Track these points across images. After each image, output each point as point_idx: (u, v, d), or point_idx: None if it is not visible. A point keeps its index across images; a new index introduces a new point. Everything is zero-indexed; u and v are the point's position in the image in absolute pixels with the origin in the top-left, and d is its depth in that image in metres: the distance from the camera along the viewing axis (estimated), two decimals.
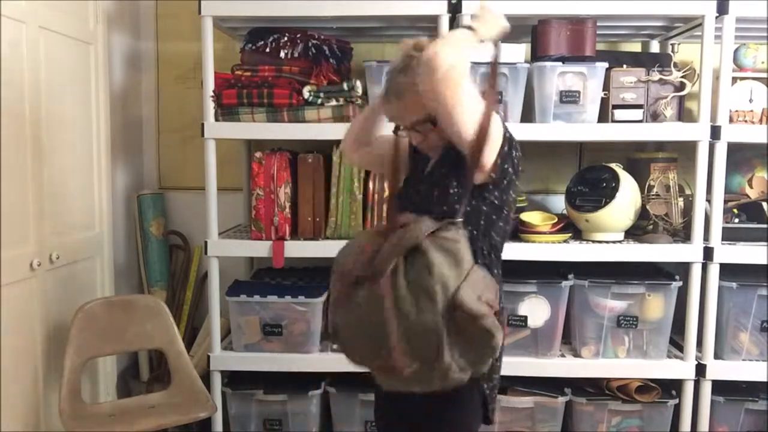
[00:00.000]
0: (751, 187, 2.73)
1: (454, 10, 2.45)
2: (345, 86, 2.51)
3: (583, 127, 2.54)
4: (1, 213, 2.17)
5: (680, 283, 2.57)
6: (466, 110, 1.51)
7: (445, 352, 1.45)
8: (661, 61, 2.67)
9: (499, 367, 1.73)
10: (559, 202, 3.01)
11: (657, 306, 2.58)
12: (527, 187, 3.02)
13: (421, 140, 1.68)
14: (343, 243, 2.53)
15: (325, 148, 2.66)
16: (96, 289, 2.82)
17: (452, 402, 1.62)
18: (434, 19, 2.45)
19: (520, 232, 2.60)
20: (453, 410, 1.65)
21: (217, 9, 2.48)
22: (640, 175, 2.66)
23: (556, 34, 2.52)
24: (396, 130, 1.72)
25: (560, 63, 2.52)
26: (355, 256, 1.58)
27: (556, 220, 2.62)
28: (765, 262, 2.50)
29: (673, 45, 2.78)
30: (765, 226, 2.59)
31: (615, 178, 2.56)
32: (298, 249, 2.57)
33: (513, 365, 2.57)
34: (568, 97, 2.53)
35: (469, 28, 1.57)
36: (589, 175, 2.65)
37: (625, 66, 2.60)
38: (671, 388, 2.64)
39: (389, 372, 1.52)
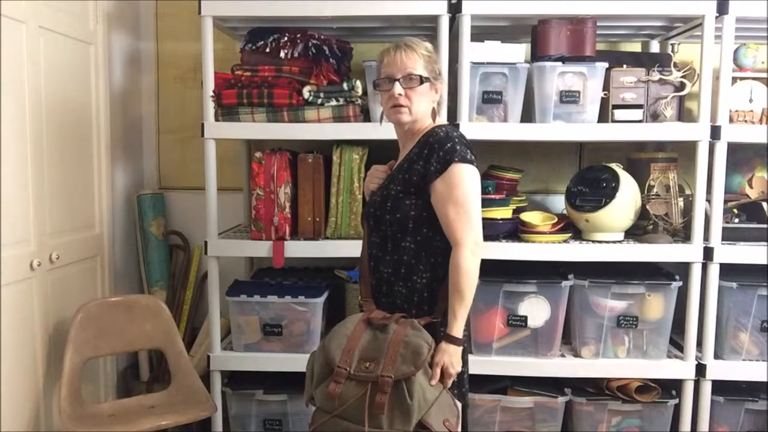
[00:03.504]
0: (751, 187, 2.72)
1: (454, 10, 2.45)
2: (345, 86, 2.51)
3: (583, 127, 2.54)
4: (1, 213, 2.17)
5: (680, 283, 2.57)
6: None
7: None
8: (661, 61, 2.66)
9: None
10: (559, 202, 3.01)
11: (657, 306, 2.58)
12: (527, 187, 3.03)
13: (401, 94, 1.78)
14: (343, 243, 2.58)
15: (325, 148, 2.66)
16: (96, 289, 2.82)
17: None
18: (434, 19, 2.46)
19: (520, 232, 2.60)
20: None
21: (217, 9, 2.48)
22: (640, 175, 2.66)
23: (556, 34, 2.52)
24: (375, 83, 1.85)
25: (560, 63, 2.52)
26: (344, 349, 1.73)
27: (556, 220, 2.62)
28: (765, 262, 2.50)
29: (673, 45, 2.78)
30: (765, 226, 2.59)
31: (615, 178, 2.56)
32: (298, 249, 2.57)
33: (513, 365, 2.58)
34: (568, 97, 2.53)
35: None
36: (589, 175, 2.65)
37: (625, 66, 2.60)
38: (671, 388, 2.64)
39: None
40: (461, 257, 1.72)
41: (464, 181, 1.73)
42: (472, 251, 1.73)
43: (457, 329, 1.74)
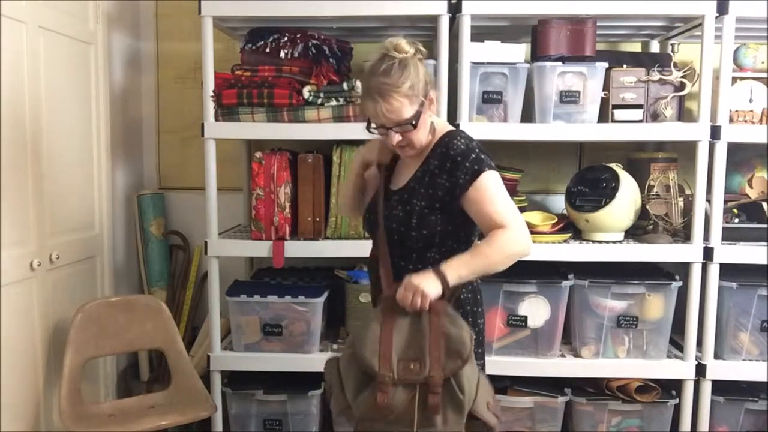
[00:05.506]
0: (751, 187, 2.72)
1: (454, 10, 2.45)
2: (345, 86, 2.51)
3: (583, 127, 2.54)
4: (1, 213, 2.17)
5: (680, 283, 2.57)
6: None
7: None
8: (661, 61, 2.67)
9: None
10: (559, 202, 3.01)
11: (657, 306, 2.58)
12: (527, 187, 3.03)
13: (400, 140, 1.72)
14: (343, 243, 2.58)
15: (325, 148, 2.66)
16: (96, 289, 2.82)
17: None
18: (434, 19, 2.46)
19: None
20: None
21: (217, 9, 2.48)
22: (640, 175, 2.66)
23: (556, 34, 2.52)
24: (368, 127, 1.76)
25: (560, 63, 2.52)
26: (380, 355, 1.62)
27: (556, 220, 2.62)
28: (765, 262, 2.50)
29: (673, 45, 2.78)
30: (765, 226, 2.59)
31: (615, 178, 2.56)
32: (298, 249, 2.57)
33: (513, 365, 2.58)
34: (568, 97, 2.53)
35: None
36: (589, 175, 2.65)
37: (625, 66, 2.60)
38: (671, 388, 2.64)
39: None
40: (502, 231, 1.64)
41: (497, 185, 1.71)
42: (519, 233, 1.66)
43: (453, 272, 1.62)
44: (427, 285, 1.61)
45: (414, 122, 1.69)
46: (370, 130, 1.75)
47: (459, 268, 1.64)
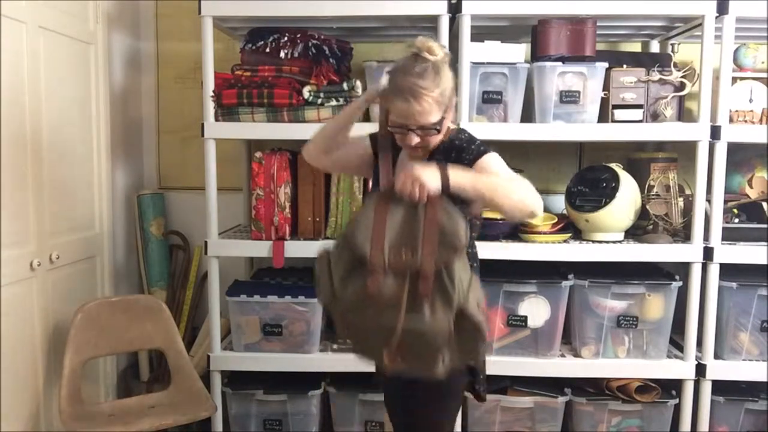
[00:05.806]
0: (751, 187, 2.73)
1: (454, 10, 2.45)
2: (345, 86, 2.51)
3: (583, 127, 2.54)
4: (1, 213, 2.17)
5: (680, 283, 2.57)
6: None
7: (441, 355, 1.57)
8: (661, 61, 2.67)
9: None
10: (559, 202, 3.01)
11: (657, 306, 2.58)
12: None
13: (419, 142, 1.71)
14: None
15: None
16: (96, 289, 2.82)
17: (445, 390, 1.78)
18: (434, 19, 2.45)
19: (520, 232, 2.60)
20: (445, 396, 1.83)
21: (217, 9, 2.48)
22: (640, 175, 2.66)
23: (556, 34, 2.52)
24: (387, 125, 1.74)
25: (560, 63, 2.52)
26: (372, 241, 1.58)
27: (556, 220, 2.62)
28: (765, 262, 2.50)
29: (673, 45, 2.78)
30: (765, 226, 2.58)
31: (615, 178, 2.56)
32: (298, 249, 2.57)
33: (513, 365, 2.58)
34: (568, 97, 2.53)
35: None
36: (589, 175, 2.65)
37: (625, 66, 2.60)
38: (671, 388, 2.64)
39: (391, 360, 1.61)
40: (511, 179, 1.67)
41: (501, 162, 1.73)
42: (529, 186, 1.65)
43: (456, 173, 1.60)
44: (428, 176, 1.57)
45: (438, 127, 1.70)
46: (390, 128, 1.73)
47: (463, 174, 1.62)
